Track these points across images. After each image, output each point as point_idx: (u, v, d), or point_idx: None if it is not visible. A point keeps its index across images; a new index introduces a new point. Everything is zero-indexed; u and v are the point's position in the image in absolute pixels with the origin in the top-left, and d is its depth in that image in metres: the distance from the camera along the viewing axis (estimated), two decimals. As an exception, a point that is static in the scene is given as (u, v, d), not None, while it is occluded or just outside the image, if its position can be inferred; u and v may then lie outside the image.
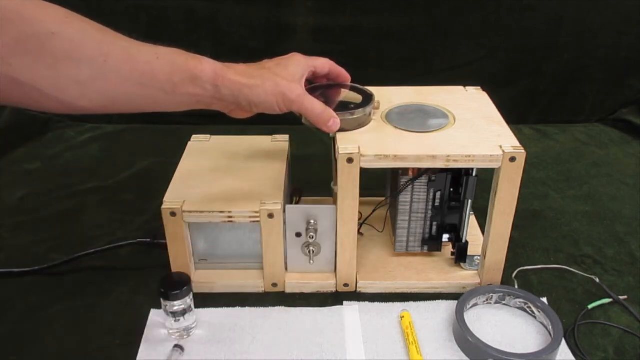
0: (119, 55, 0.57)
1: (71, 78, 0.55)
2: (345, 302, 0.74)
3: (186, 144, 0.85)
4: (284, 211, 0.71)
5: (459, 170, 0.72)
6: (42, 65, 0.53)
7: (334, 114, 0.68)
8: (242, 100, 0.64)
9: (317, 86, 0.75)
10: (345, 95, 0.74)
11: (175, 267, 0.74)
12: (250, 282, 0.76)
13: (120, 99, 0.59)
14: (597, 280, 0.77)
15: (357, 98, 0.73)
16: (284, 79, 0.66)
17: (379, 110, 0.75)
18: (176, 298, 0.66)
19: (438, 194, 0.74)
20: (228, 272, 0.77)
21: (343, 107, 0.70)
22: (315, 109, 0.67)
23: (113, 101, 0.59)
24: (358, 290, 0.76)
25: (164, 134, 1.17)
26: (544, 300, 0.72)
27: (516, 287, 0.75)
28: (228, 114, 0.69)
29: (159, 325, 0.70)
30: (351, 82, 0.76)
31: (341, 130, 0.69)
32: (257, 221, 0.71)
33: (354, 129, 0.71)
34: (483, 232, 0.77)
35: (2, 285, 0.77)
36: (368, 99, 0.72)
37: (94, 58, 0.55)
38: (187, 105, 0.64)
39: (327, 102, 0.69)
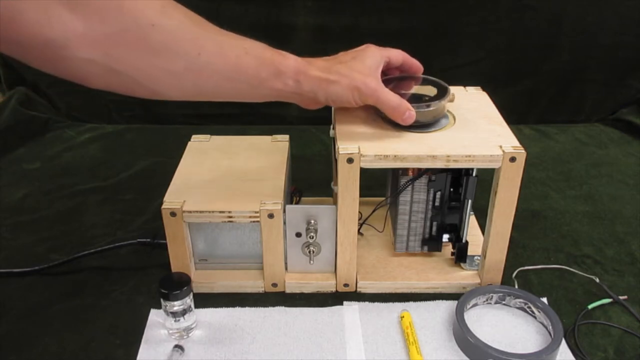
0: (212, 49, 0.57)
1: (166, 70, 0.56)
2: (345, 302, 0.74)
3: (186, 144, 0.85)
4: (284, 211, 0.71)
5: (459, 170, 0.72)
6: (139, 57, 0.54)
7: (409, 106, 0.67)
8: (320, 96, 0.66)
9: (391, 78, 0.74)
10: (418, 87, 0.74)
11: (175, 267, 0.74)
12: (250, 282, 0.76)
13: (209, 90, 0.61)
14: (597, 280, 0.77)
15: (430, 89, 0.72)
16: (361, 72, 0.66)
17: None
18: (176, 298, 0.66)
19: (438, 194, 0.73)
20: (228, 272, 0.77)
21: (417, 100, 0.70)
22: (390, 101, 0.67)
23: (201, 92, 0.60)
24: (358, 290, 0.76)
25: (164, 134, 1.17)
26: (544, 300, 0.72)
27: (516, 287, 0.75)
28: (298, 104, 0.69)
29: (159, 325, 0.70)
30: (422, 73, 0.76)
31: (416, 122, 0.69)
32: (257, 221, 0.71)
33: (429, 122, 0.70)
34: (483, 232, 0.77)
35: (2, 285, 0.77)
36: (443, 91, 0.72)
37: (189, 51, 0.56)
38: (268, 97, 0.65)
39: (400, 94, 0.69)
